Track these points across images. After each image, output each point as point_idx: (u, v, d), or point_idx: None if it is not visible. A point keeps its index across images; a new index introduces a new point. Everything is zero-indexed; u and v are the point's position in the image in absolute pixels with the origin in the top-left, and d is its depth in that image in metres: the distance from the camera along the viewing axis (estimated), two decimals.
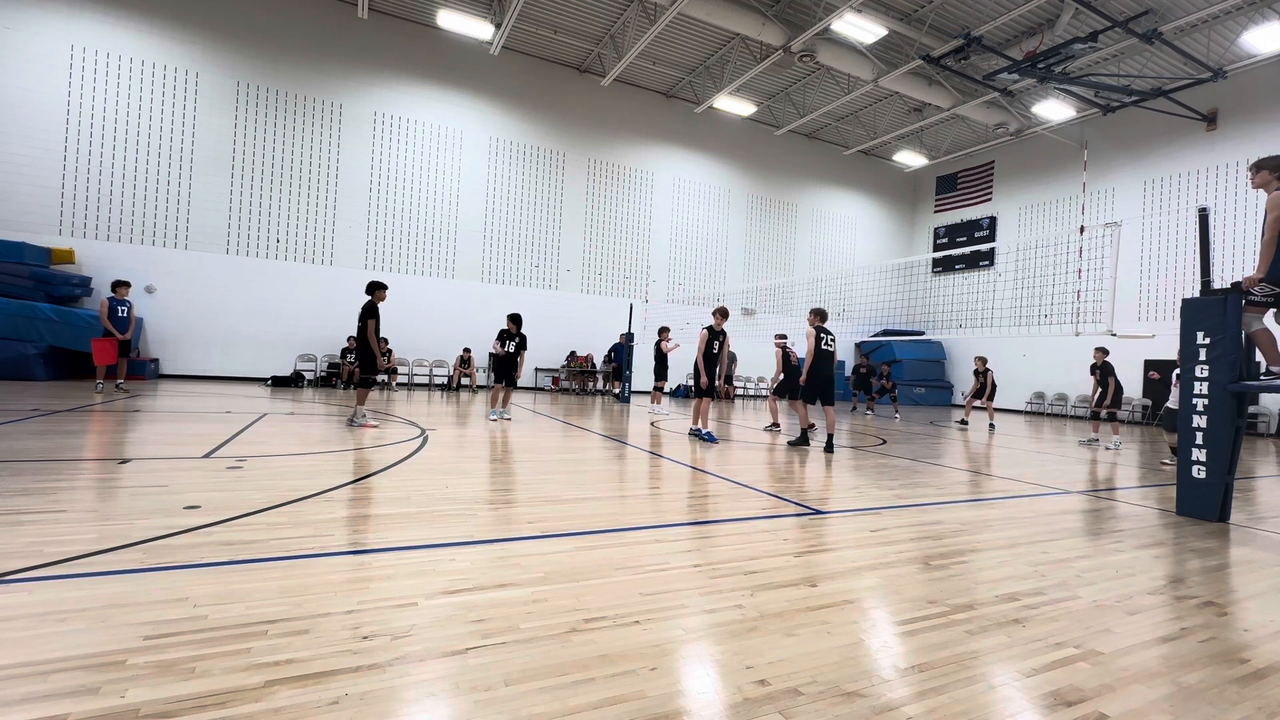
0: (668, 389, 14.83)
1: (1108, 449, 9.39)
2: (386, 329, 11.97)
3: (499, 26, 15.76)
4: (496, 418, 8.83)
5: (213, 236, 14.70)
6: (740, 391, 20.41)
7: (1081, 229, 11.40)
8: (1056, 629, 2.34)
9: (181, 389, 11.64)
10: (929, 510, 4.39)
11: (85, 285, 12.96)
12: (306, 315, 15.42)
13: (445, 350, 16.73)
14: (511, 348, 9.10)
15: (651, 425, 9.61)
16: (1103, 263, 14.84)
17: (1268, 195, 4.30)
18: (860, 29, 14.52)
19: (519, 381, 9.56)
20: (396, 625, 2.07)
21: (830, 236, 23.41)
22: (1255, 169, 4.41)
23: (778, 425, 9.58)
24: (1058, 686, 1.89)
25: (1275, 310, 4.43)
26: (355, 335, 7.81)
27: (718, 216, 21.14)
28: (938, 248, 23.58)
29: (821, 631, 2.21)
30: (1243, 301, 4.39)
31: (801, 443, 7.65)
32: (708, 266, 20.96)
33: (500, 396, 9.12)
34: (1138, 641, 2.27)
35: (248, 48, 14.97)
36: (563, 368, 18.24)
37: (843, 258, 23.47)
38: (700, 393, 8.14)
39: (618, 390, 15.54)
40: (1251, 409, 14.68)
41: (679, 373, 18.78)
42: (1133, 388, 16.47)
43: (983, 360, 12.97)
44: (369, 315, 7.35)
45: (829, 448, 7.31)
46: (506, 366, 9.12)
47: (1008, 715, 1.73)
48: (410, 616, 2.15)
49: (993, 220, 21.85)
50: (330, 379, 15.29)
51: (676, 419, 10.87)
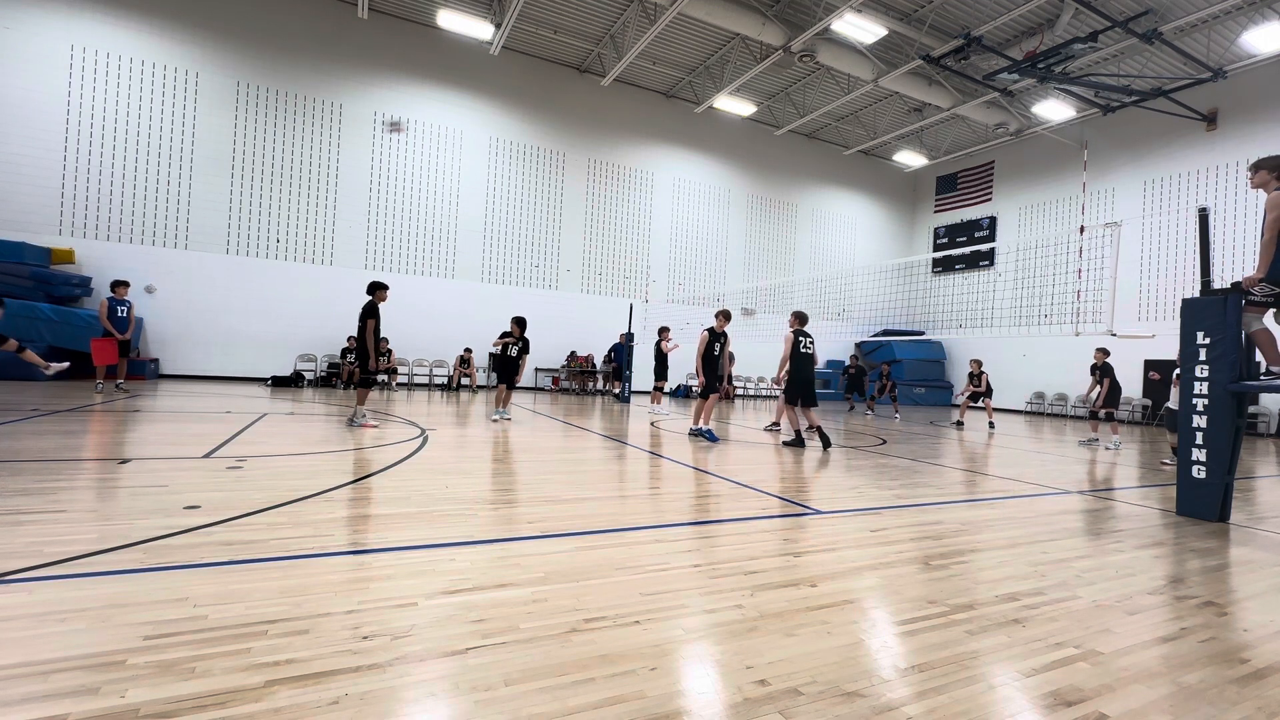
0: (668, 389, 14.81)
1: (1107, 449, 9.39)
2: (387, 329, 11.97)
3: (499, 26, 15.76)
4: (498, 418, 8.85)
5: (213, 236, 14.70)
6: (740, 391, 20.40)
7: (1081, 229, 11.42)
8: (1056, 629, 2.34)
9: (181, 389, 11.64)
10: (929, 510, 4.39)
11: (85, 285, 12.96)
12: (306, 315, 15.42)
13: (445, 350, 16.73)
14: (514, 351, 9.03)
15: (651, 425, 9.61)
16: (1103, 263, 14.85)
17: (1267, 195, 4.31)
18: (860, 29, 14.52)
19: (518, 383, 9.54)
20: (396, 625, 2.07)
21: (830, 236, 23.41)
22: (1255, 169, 4.42)
23: (777, 425, 9.59)
24: (1058, 686, 1.89)
25: (1275, 310, 4.43)
26: (355, 335, 7.81)
27: (718, 216, 21.13)
28: (938, 248, 23.58)
29: (821, 631, 2.21)
30: (1243, 301, 4.39)
31: (796, 444, 7.69)
32: (708, 266, 20.95)
33: (502, 397, 9.14)
34: (1138, 641, 2.27)
35: (248, 48, 14.97)
36: (563, 368, 18.23)
37: (843, 258, 23.47)
38: (704, 392, 8.16)
39: (618, 390, 15.54)
40: (1251, 409, 14.68)
41: (679, 373, 18.77)
42: (1132, 388, 16.46)
43: (978, 363, 13.01)
44: (369, 315, 7.37)
45: (826, 443, 7.47)
46: (508, 369, 9.09)
47: (1008, 715, 1.73)
48: (410, 616, 2.15)
49: (993, 220, 21.85)
50: (330, 379, 15.29)
51: (676, 419, 10.87)
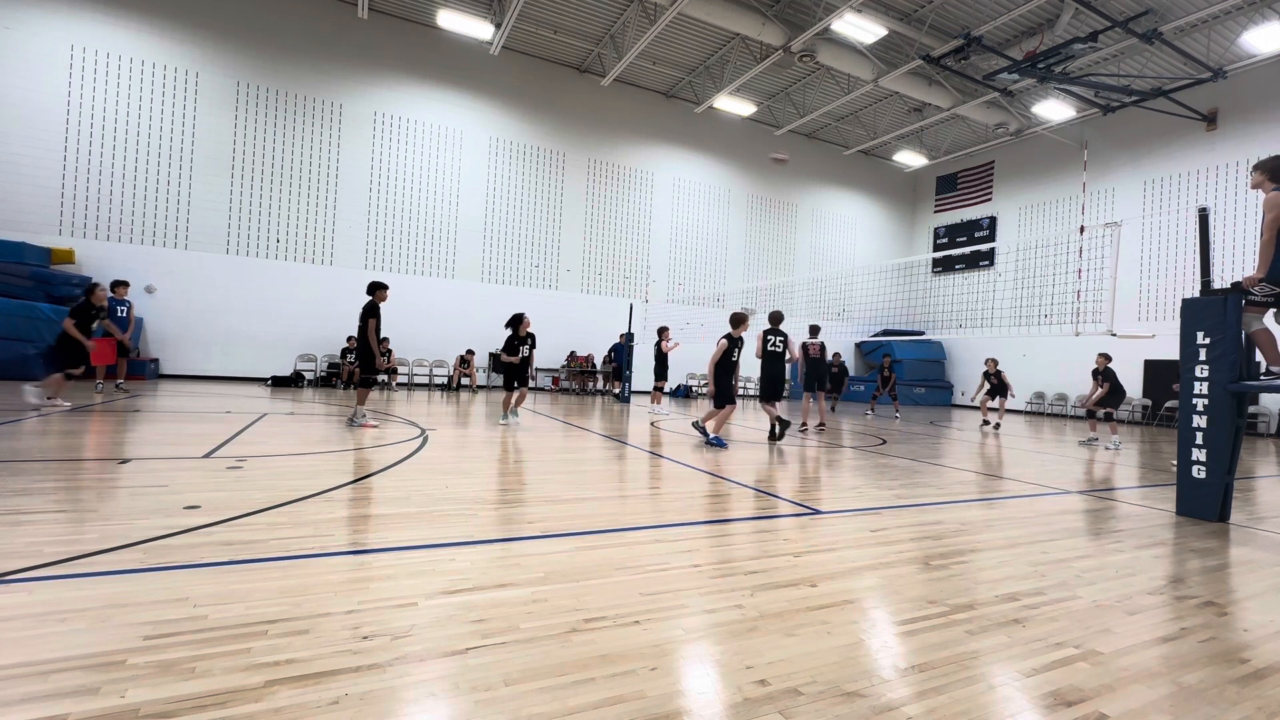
0: (668, 389, 14.81)
1: (1107, 449, 9.39)
2: (387, 329, 11.95)
3: (499, 26, 15.76)
4: (512, 422, 8.48)
5: (213, 236, 14.70)
6: (741, 392, 20.37)
7: (1081, 229, 11.41)
8: (1056, 629, 2.34)
9: (181, 389, 11.64)
10: (929, 510, 4.39)
11: (85, 285, 12.94)
12: (306, 315, 15.42)
13: (445, 350, 16.73)
14: (526, 350, 8.65)
15: (651, 425, 9.61)
16: (1103, 263, 14.83)
17: (1264, 195, 4.31)
18: (860, 29, 14.52)
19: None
20: (396, 625, 2.07)
21: (830, 236, 23.41)
22: (1255, 170, 4.44)
23: (806, 426, 9.69)
24: (1058, 686, 1.89)
25: (1275, 310, 4.43)
26: (356, 335, 7.79)
27: (718, 216, 21.13)
28: (938, 248, 23.57)
29: (821, 631, 2.21)
30: (1243, 301, 4.39)
31: (775, 436, 7.87)
32: (708, 266, 20.95)
33: (513, 400, 8.74)
34: (1138, 641, 2.27)
35: (248, 48, 14.97)
36: (563, 368, 18.23)
37: (843, 258, 23.46)
38: (719, 402, 7.69)
39: (618, 390, 15.54)
40: (1251, 409, 14.67)
41: (679, 373, 18.78)
42: (1133, 388, 16.46)
43: (994, 362, 12.75)
44: (370, 315, 7.36)
45: (775, 436, 7.80)
46: (524, 369, 8.68)
47: (1008, 715, 1.73)
48: (410, 616, 2.15)
49: (993, 220, 21.84)
50: (330, 379, 15.29)
51: (676, 419, 10.87)
